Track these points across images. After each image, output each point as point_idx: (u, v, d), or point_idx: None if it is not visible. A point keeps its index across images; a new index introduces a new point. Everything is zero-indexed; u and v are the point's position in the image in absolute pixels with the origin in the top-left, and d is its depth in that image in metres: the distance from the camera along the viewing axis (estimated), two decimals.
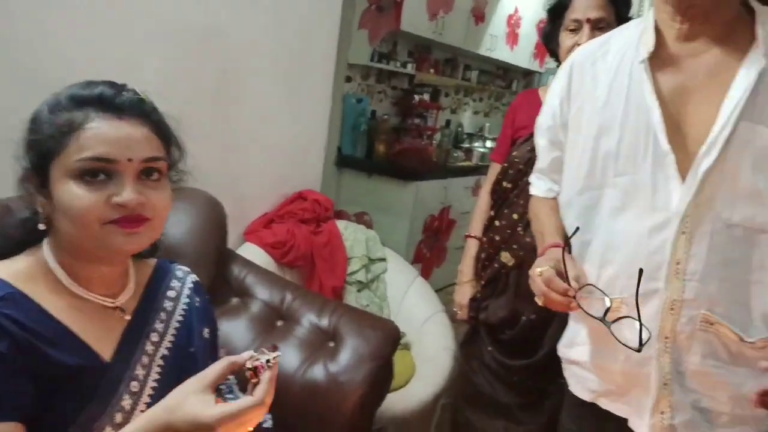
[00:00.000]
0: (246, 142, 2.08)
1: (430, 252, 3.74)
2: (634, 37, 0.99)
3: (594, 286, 0.92)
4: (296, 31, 2.19)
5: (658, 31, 0.95)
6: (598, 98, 1.00)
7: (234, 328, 1.54)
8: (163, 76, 1.74)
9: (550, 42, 1.58)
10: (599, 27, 1.44)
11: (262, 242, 2.04)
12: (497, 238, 1.61)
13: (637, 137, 0.94)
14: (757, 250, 0.88)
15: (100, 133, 0.76)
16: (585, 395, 1.10)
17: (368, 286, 2.23)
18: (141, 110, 0.81)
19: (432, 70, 4.24)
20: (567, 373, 1.17)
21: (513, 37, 4.73)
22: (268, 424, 1.04)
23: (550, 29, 1.56)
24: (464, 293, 1.71)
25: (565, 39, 1.48)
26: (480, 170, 4.19)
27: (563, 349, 1.17)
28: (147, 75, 1.68)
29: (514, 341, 1.57)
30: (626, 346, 0.85)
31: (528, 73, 5.48)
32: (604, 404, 1.07)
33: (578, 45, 1.44)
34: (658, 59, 0.94)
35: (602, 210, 1.00)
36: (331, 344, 1.51)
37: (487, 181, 1.73)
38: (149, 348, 0.89)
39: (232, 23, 1.93)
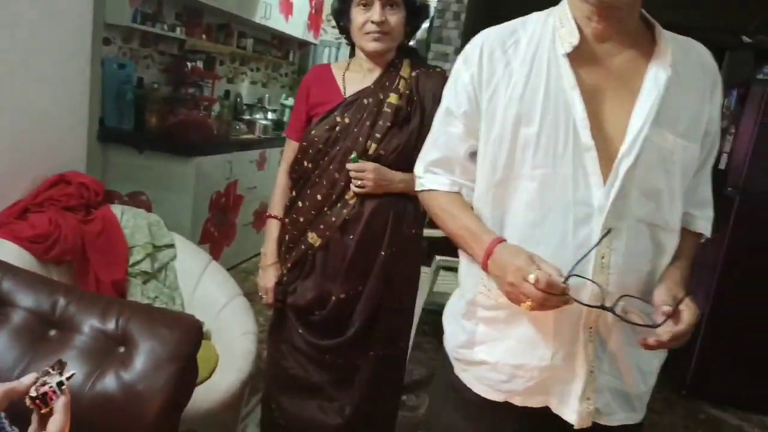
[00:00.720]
0: None
1: (218, 230, 3.54)
2: (546, 30, 0.99)
3: (578, 275, 0.90)
4: None
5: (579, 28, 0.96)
6: (514, 87, 0.98)
7: None
8: None
9: (341, 18, 1.56)
10: (390, 4, 1.46)
11: (18, 237, 1.70)
12: (301, 219, 1.56)
13: (557, 130, 0.94)
14: (656, 244, 0.97)
15: None
16: (494, 396, 1.05)
17: (155, 277, 2.01)
18: None
19: (204, 36, 3.95)
20: (465, 375, 1.09)
21: (287, 6, 4.64)
22: None
23: (340, 6, 1.55)
24: (269, 277, 1.63)
25: (357, 15, 1.48)
26: (263, 143, 4.08)
27: (461, 351, 1.10)
28: None
29: (324, 322, 1.55)
30: (644, 325, 0.90)
31: (303, 44, 5.45)
32: (519, 401, 1.04)
33: (371, 22, 1.45)
34: (577, 55, 0.96)
35: (519, 202, 0.98)
36: (122, 350, 1.31)
37: (284, 160, 1.66)
38: None
39: None
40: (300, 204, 1.57)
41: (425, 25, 2.37)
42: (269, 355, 1.70)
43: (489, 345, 1.04)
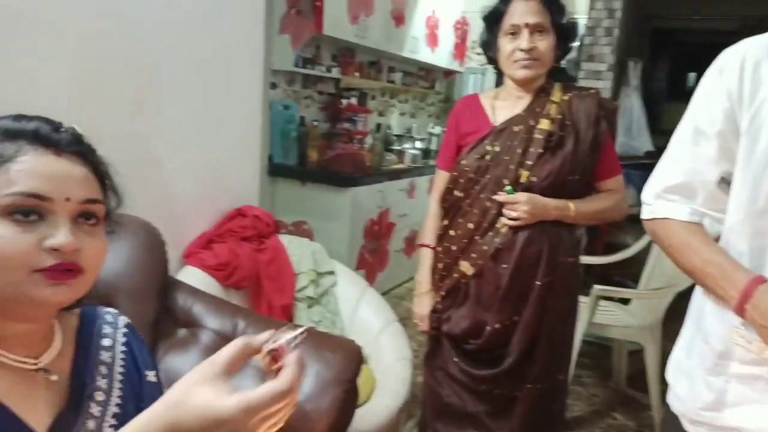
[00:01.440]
0: (171, 157, 1.95)
1: (372, 257, 3.70)
2: None
3: None
4: (219, 37, 2.08)
5: None
6: None
7: (184, 363, 1.43)
8: (68, 87, 1.58)
9: (488, 49, 1.58)
10: (539, 30, 1.45)
11: (204, 265, 1.93)
12: (453, 247, 1.58)
13: None
14: None
15: (35, 167, 0.67)
16: None
17: (319, 302, 2.15)
18: (80, 148, 0.73)
19: (357, 74, 4.20)
20: None
21: (433, 39, 4.77)
22: None
23: (488, 37, 1.56)
24: (424, 304, 1.67)
25: (506, 44, 1.49)
26: (412, 172, 4.20)
27: (705, 413, 0.95)
28: (51, 84, 1.53)
29: (480, 351, 1.55)
30: None
31: (449, 73, 5.55)
32: None
33: (519, 50, 1.45)
34: None
35: None
36: None
37: (435, 189, 1.71)
38: (95, 410, 0.79)
39: (148, 28, 1.80)
40: (452, 232, 1.60)
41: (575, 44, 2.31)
42: (425, 382, 1.73)
43: (747, 408, 0.90)
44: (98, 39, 1.65)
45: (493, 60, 1.59)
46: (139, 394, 0.85)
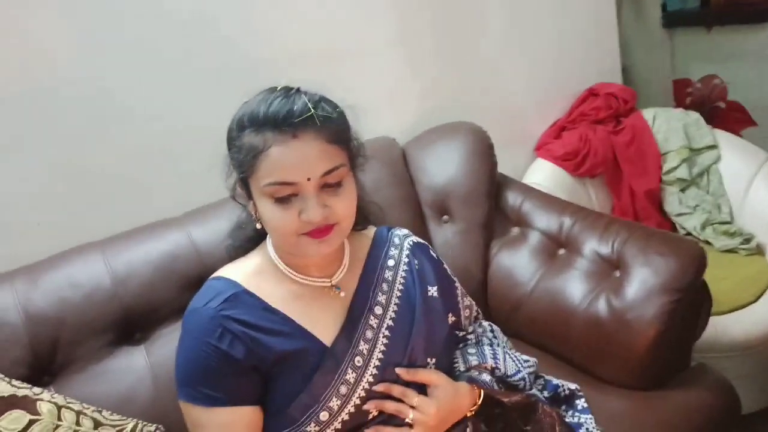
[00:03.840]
0: (511, 45, 1.89)
1: None
2: None
3: None
4: None
5: None
6: None
7: (516, 261, 1.47)
8: None
9: None
10: None
11: (552, 156, 1.87)
12: None
13: None
14: None
15: (278, 159, 0.80)
16: None
17: (695, 183, 1.82)
18: (313, 124, 0.81)
19: None
20: None
21: None
22: None
23: None
24: None
25: None
26: None
27: None
28: None
29: None
30: None
31: None
32: None
33: None
34: None
35: None
36: (617, 274, 1.30)
37: None
38: (373, 322, 0.93)
39: None
40: None
41: None
42: None
43: None
44: None
45: None
46: (414, 307, 0.97)
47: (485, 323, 1.15)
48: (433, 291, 1.00)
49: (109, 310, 1.13)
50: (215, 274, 0.93)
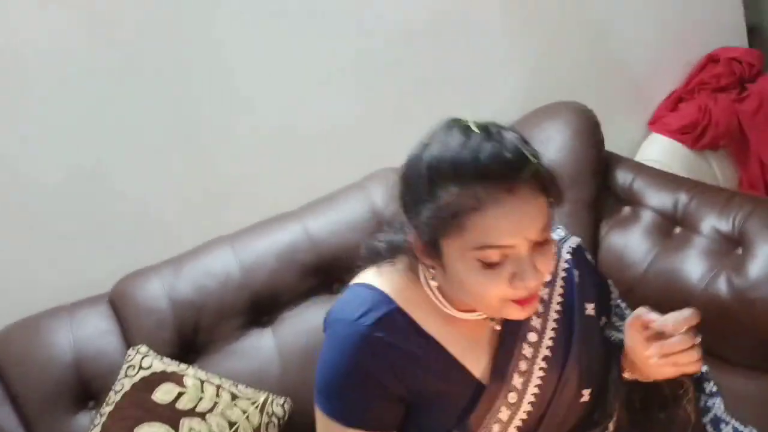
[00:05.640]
0: (621, 6, 1.78)
1: None
2: None
3: None
4: None
5: None
6: None
7: (628, 241, 1.43)
8: None
9: None
10: None
11: (669, 130, 1.78)
12: None
13: None
14: None
15: (494, 220, 0.68)
16: None
17: None
18: (528, 176, 0.69)
19: None
20: None
21: None
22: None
23: None
24: None
25: None
26: None
27: None
28: None
29: None
30: None
31: None
32: None
33: None
34: None
35: None
36: (740, 251, 1.23)
37: None
38: (527, 351, 0.83)
39: None
40: None
41: None
42: None
43: None
44: None
45: None
46: (571, 328, 0.85)
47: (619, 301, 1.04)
48: (590, 309, 0.88)
49: (240, 296, 1.27)
50: (361, 280, 0.84)
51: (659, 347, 0.74)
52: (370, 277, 0.83)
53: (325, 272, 1.32)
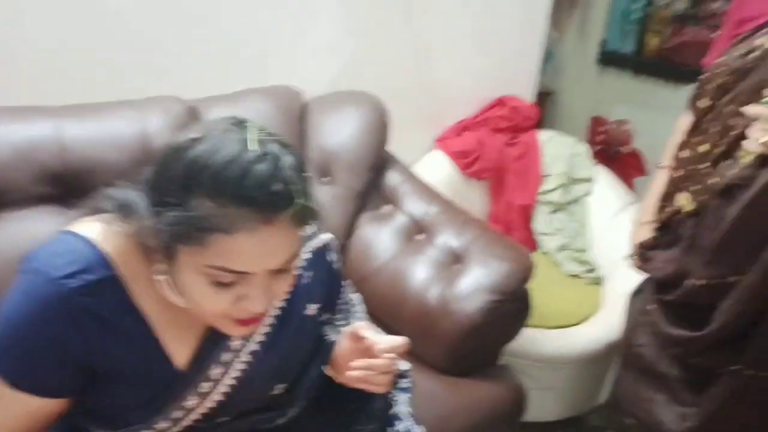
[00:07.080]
0: (440, 42, 1.96)
1: None
2: None
3: None
4: None
5: None
6: None
7: (378, 236, 1.55)
8: None
9: None
10: None
11: (449, 150, 1.97)
12: (679, 173, 1.23)
13: None
14: None
15: (243, 248, 0.64)
16: None
17: (564, 209, 1.98)
18: (293, 209, 0.65)
19: None
20: None
21: None
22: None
23: None
24: (641, 235, 1.38)
25: None
26: None
27: None
28: None
29: (676, 306, 1.23)
30: None
31: None
32: None
33: None
34: None
35: None
36: (458, 267, 1.41)
37: (688, 98, 1.32)
38: (235, 344, 0.80)
39: None
40: (681, 154, 1.23)
41: None
42: (627, 319, 1.47)
43: None
44: None
45: None
46: (286, 326, 0.84)
47: (353, 296, 1.10)
48: (312, 309, 0.89)
49: None
50: (82, 230, 0.73)
51: (365, 364, 0.80)
52: (94, 230, 0.72)
53: (66, 183, 1.23)
